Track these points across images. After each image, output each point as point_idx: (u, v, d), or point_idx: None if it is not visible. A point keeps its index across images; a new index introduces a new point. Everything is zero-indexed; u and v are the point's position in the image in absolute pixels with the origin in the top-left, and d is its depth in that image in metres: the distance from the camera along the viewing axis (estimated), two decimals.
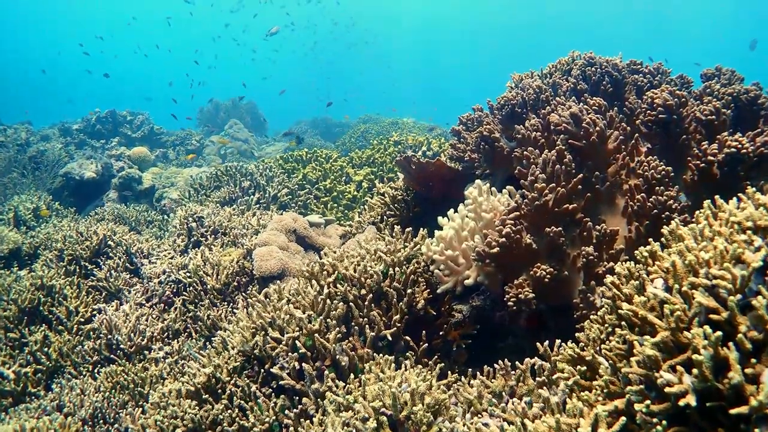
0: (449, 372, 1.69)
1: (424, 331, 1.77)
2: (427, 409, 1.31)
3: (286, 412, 1.62)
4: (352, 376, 1.59)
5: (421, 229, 2.11)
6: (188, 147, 7.95)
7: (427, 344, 1.73)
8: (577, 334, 1.30)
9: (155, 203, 5.13)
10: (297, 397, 1.67)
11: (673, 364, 0.90)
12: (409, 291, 1.77)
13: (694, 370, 0.85)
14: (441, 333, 1.84)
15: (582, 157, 1.80)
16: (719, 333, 0.80)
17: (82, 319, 2.73)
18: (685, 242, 1.00)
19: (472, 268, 1.74)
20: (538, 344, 1.48)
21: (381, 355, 1.64)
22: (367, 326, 1.70)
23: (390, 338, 1.70)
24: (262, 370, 1.81)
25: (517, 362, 1.46)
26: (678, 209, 1.66)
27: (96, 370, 2.54)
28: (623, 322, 1.07)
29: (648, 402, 0.87)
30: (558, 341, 1.47)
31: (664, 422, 0.85)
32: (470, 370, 1.70)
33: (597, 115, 1.85)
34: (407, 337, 1.77)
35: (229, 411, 1.73)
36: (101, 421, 2.19)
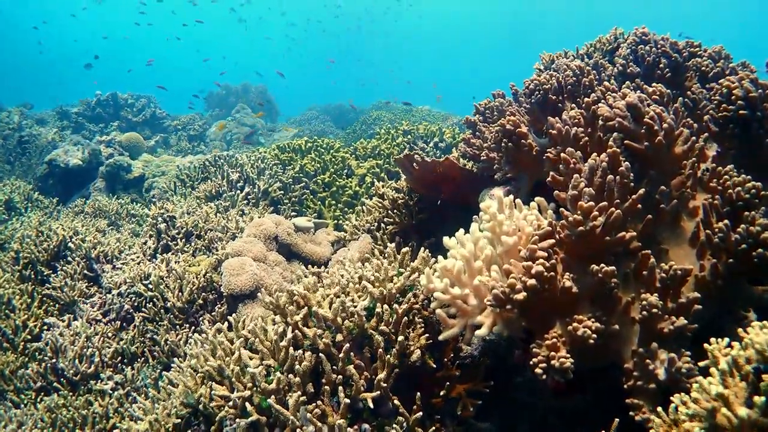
0: None
1: (418, 393, 1.33)
2: None
3: None
4: None
5: (423, 249, 1.66)
6: (190, 132, 7.57)
7: (421, 412, 1.30)
8: None
9: (145, 193, 4.76)
10: None
11: None
12: (400, 338, 1.33)
13: None
14: (442, 392, 1.39)
15: (641, 163, 1.32)
16: None
17: (30, 336, 2.36)
18: None
19: (486, 311, 1.29)
20: None
21: (357, 428, 1.21)
22: (341, 387, 1.27)
23: (372, 406, 1.27)
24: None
25: None
26: None
27: (39, 399, 2.17)
28: None
29: None
30: None
31: None
32: None
33: (661, 108, 1.37)
34: (396, 400, 1.33)
35: None
36: None
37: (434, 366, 1.40)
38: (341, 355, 1.29)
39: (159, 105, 8.31)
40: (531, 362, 1.17)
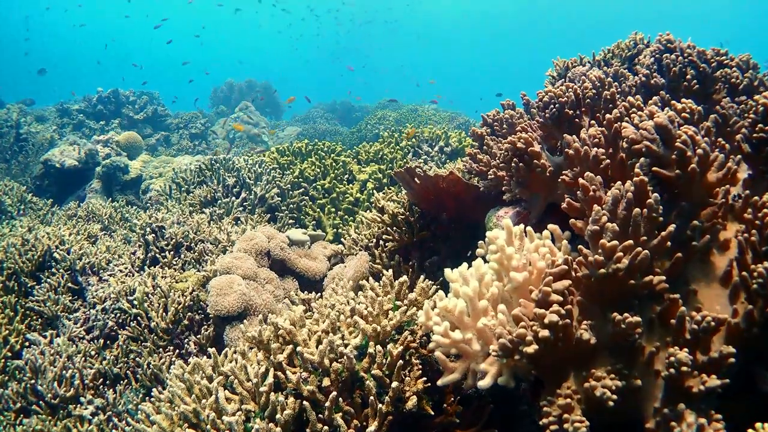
0: None
1: None
2: None
3: None
4: None
5: (422, 278, 1.51)
6: (192, 131, 7.45)
7: None
8: None
9: (142, 195, 4.64)
10: None
11: None
12: (395, 384, 1.19)
13: None
14: None
15: (670, 192, 1.17)
16: None
17: (11, 353, 2.24)
18: None
19: (491, 359, 1.14)
20: None
21: None
22: None
23: None
24: None
25: None
26: None
27: (19, 420, 2.05)
28: None
29: None
30: None
31: None
32: None
33: (693, 129, 1.21)
34: None
35: None
36: None
37: (432, 413, 1.26)
38: (328, 404, 1.16)
39: (162, 102, 8.21)
40: (541, 422, 1.02)
